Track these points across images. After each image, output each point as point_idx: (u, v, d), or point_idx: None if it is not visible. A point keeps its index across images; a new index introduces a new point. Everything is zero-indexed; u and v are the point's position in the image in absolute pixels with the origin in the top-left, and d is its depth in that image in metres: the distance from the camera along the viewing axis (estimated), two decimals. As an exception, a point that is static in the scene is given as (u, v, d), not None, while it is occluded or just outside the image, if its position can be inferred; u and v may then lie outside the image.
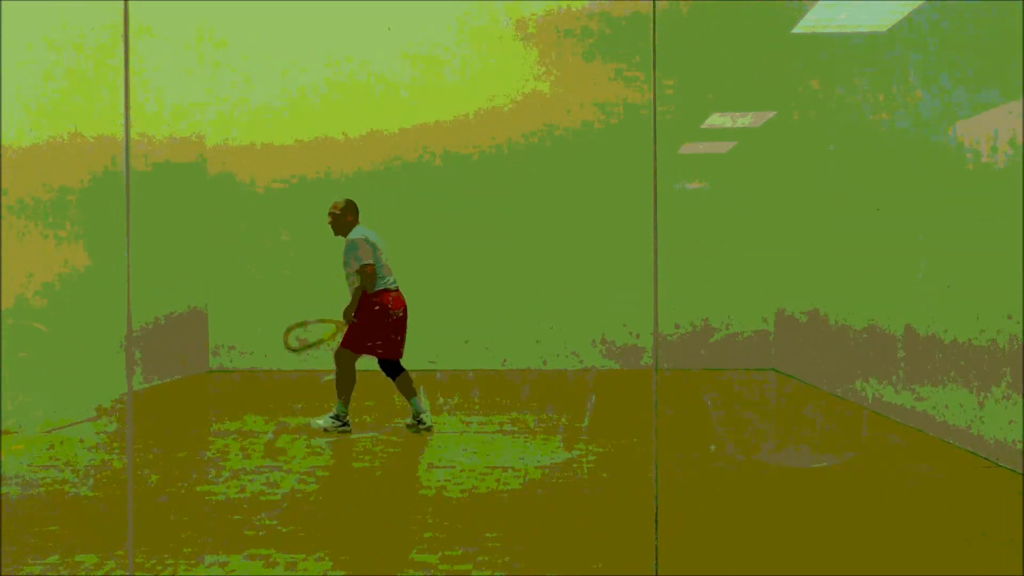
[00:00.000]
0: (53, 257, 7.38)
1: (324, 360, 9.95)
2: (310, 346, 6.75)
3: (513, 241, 10.37)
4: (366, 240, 6.47)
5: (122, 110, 3.46)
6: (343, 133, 10.22)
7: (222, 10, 9.31)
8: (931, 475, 5.28)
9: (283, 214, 10.30)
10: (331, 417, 6.52)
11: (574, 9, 9.68)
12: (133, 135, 3.56)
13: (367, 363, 6.73)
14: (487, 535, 4.12)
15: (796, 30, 7.43)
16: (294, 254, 10.25)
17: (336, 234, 6.70)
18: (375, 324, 6.48)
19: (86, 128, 7.84)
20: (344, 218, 6.65)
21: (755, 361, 10.26)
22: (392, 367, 6.63)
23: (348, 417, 6.55)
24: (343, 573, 3.66)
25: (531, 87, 10.13)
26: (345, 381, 6.53)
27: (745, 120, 9.90)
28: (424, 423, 6.57)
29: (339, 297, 7.26)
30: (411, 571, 3.68)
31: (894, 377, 6.84)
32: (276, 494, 4.91)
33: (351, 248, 6.48)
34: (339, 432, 6.48)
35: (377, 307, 6.46)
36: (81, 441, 6.35)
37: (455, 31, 9.91)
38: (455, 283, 10.29)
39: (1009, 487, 4.93)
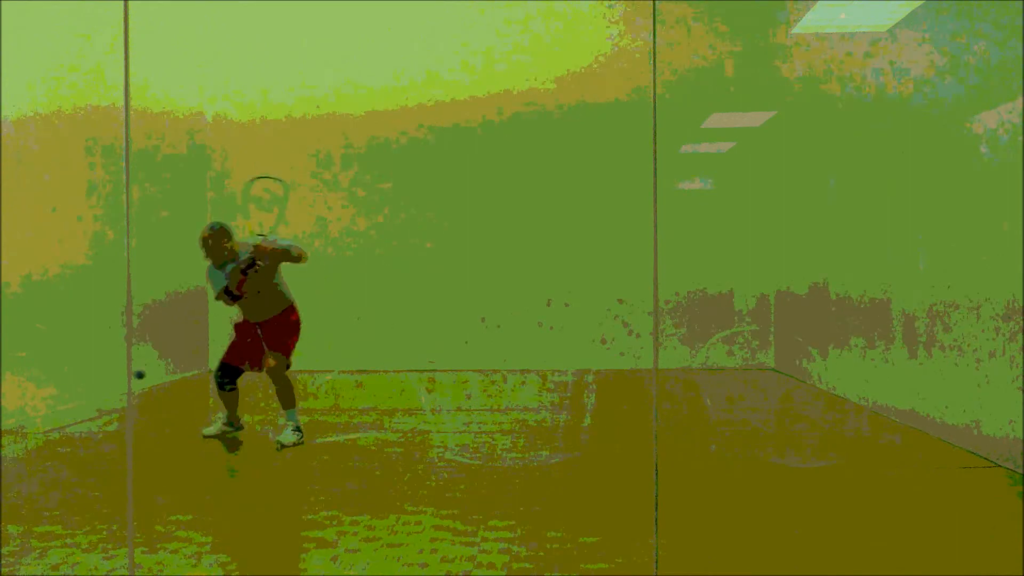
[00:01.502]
0: (53, 255, 7.38)
1: (324, 360, 9.97)
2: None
3: (513, 241, 10.36)
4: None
5: (122, 112, 3.46)
6: (344, 134, 10.23)
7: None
8: (931, 475, 5.28)
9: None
10: (294, 430, 6.12)
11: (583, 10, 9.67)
12: (131, 133, 3.56)
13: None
14: (486, 535, 4.12)
15: (796, 30, 7.43)
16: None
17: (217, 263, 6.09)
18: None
19: (85, 125, 7.84)
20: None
21: (755, 361, 10.26)
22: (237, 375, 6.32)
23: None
24: (342, 572, 3.66)
25: (531, 85, 10.13)
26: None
27: (745, 120, 9.90)
28: (228, 430, 6.34)
29: (338, 295, 7.23)
30: (411, 571, 3.68)
31: (894, 376, 6.84)
32: (276, 494, 4.91)
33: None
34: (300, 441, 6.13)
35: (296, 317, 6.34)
36: (81, 441, 6.34)
37: (454, 26, 9.90)
38: (455, 283, 10.29)
39: (1009, 487, 4.93)
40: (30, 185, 7.07)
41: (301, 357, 10.03)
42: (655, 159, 3.75)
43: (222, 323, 10.39)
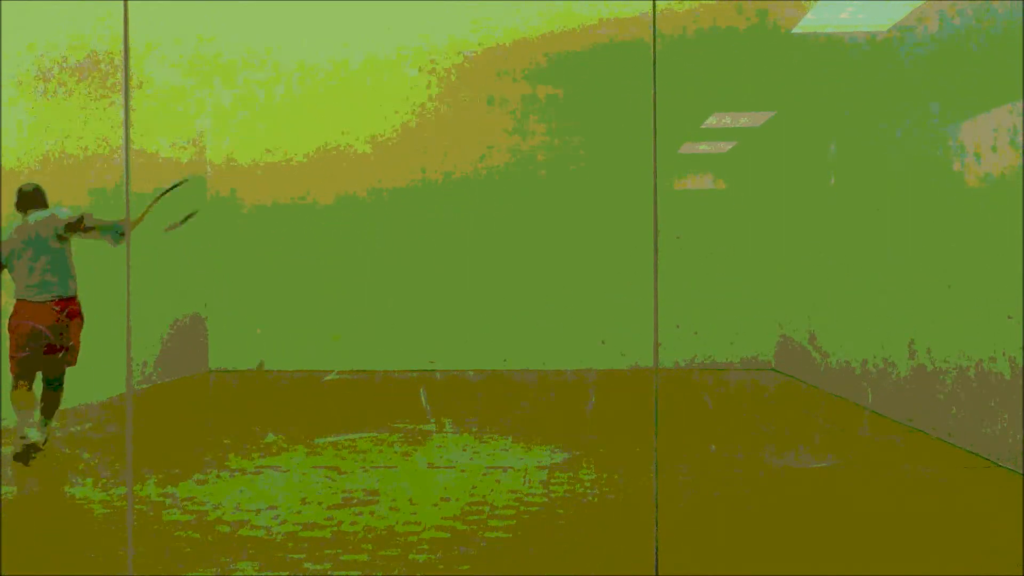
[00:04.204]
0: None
1: (324, 361, 9.97)
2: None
3: (514, 241, 10.37)
4: None
5: (122, 112, 3.46)
6: (343, 137, 10.23)
7: (223, 11, 9.27)
8: (931, 475, 5.28)
9: (280, 214, 10.31)
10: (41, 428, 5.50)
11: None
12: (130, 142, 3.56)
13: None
14: (487, 535, 4.11)
15: (796, 30, 7.42)
16: (291, 252, 10.25)
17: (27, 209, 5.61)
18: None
19: (85, 133, 7.83)
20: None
21: (755, 361, 10.26)
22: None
23: None
24: (343, 574, 3.66)
25: (532, 89, 10.13)
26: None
27: (745, 120, 9.89)
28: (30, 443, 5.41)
29: (338, 298, 7.11)
30: (411, 571, 3.68)
31: (894, 376, 6.84)
32: (276, 495, 4.91)
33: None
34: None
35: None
36: (81, 441, 6.34)
37: (453, 34, 9.89)
38: (455, 283, 10.29)
39: (1009, 487, 4.93)
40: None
41: (302, 357, 10.05)
42: (655, 159, 3.75)
43: (221, 325, 10.40)
